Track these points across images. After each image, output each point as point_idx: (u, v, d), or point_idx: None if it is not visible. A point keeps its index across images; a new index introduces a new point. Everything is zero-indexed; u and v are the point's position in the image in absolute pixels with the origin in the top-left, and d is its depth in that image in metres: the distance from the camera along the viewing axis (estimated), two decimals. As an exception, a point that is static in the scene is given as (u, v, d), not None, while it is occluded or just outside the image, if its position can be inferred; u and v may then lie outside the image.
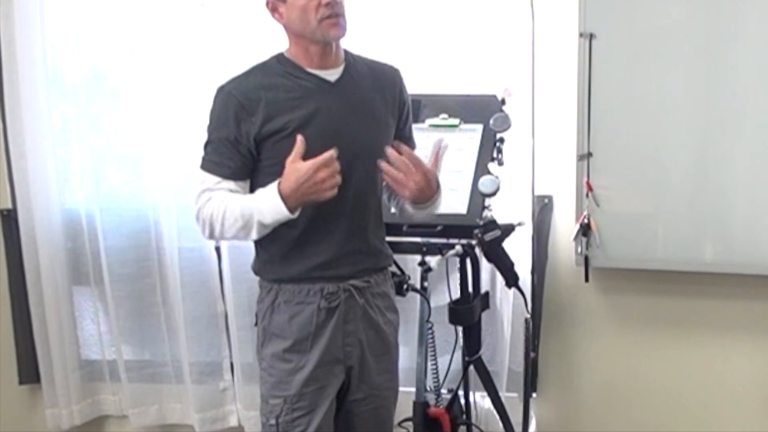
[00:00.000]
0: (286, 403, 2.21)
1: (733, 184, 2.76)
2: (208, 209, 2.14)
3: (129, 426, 3.43)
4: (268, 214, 2.07)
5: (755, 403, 2.96)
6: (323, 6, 2.07)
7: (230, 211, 2.11)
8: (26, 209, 3.26)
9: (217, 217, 2.12)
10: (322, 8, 2.07)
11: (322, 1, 2.07)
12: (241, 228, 2.11)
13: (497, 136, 2.69)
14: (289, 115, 2.12)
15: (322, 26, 2.09)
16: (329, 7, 2.07)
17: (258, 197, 2.11)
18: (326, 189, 2.03)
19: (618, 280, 2.98)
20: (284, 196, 2.04)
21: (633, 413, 3.07)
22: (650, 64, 2.77)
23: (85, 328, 3.44)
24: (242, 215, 2.10)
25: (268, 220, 2.08)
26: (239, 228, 2.11)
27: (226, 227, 2.13)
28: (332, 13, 2.08)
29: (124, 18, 3.13)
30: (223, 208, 2.12)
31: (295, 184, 2.03)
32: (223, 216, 2.12)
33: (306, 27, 2.10)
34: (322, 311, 2.19)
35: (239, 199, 2.13)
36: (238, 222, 2.11)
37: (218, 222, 2.13)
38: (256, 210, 2.09)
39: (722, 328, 2.95)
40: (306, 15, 2.08)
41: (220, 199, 2.13)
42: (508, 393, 2.98)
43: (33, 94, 3.17)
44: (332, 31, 2.11)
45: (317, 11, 2.08)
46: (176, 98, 3.10)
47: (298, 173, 2.02)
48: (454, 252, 2.59)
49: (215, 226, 2.14)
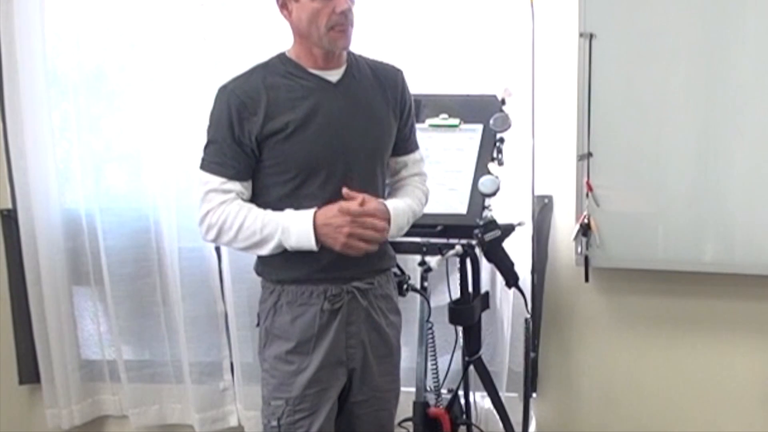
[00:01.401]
0: (288, 405, 2.20)
1: (733, 184, 2.76)
2: (221, 214, 2.12)
3: (129, 426, 3.43)
4: (294, 237, 2.08)
5: (755, 403, 2.96)
6: (336, 14, 2.06)
7: (249, 223, 2.10)
8: (26, 209, 3.26)
9: (231, 225, 2.11)
10: (335, 16, 2.06)
11: (336, 10, 2.06)
12: (256, 243, 2.11)
13: (497, 136, 2.69)
14: (290, 114, 2.11)
15: (330, 34, 2.09)
16: (342, 16, 2.07)
17: (287, 217, 2.10)
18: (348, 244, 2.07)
19: (618, 280, 2.98)
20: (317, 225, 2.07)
21: (633, 413, 3.07)
22: (650, 64, 2.77)
23: (85, 328, 3.43)
24: (262, 230, 2.09)
25: (292, 243, 2.09)
26: (254, 242, 2.11)
27: (239, 238, 2.12)
28: (343, 22, 2.08)
29: (124, 18, 3.12)
30: (241, 218, 2.10)
31: (330, 220, 2.06)
32: (240, 226, 2.10)
33: (314, 31, 2.09)
34: (325, 313, 2.19)
35: (261, 214, 2.11)
36: (256, 236, 2.10)
37: (232, 230, 2.11)
38: (283, 229, 2.09)
39: (722, 328, 2.95)
40: (316, 19, 2.07)
41: (237, 207, 2.12)
42: (508, 393, 2.98)
43: (33, 94, 3.17)
44: (339, 41, 2.10)
45: (329, 18, 2.07)
46: (176, 98, 3.10)
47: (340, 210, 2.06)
48: (454, 252, 2.58)
49: (225, 233, 2.13)
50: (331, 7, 2.06)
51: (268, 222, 2.10)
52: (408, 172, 2.36)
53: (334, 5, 2.06)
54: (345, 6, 2.06)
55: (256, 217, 2.11)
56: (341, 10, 2.06)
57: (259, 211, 2.12)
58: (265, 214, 2.12)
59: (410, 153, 2.36)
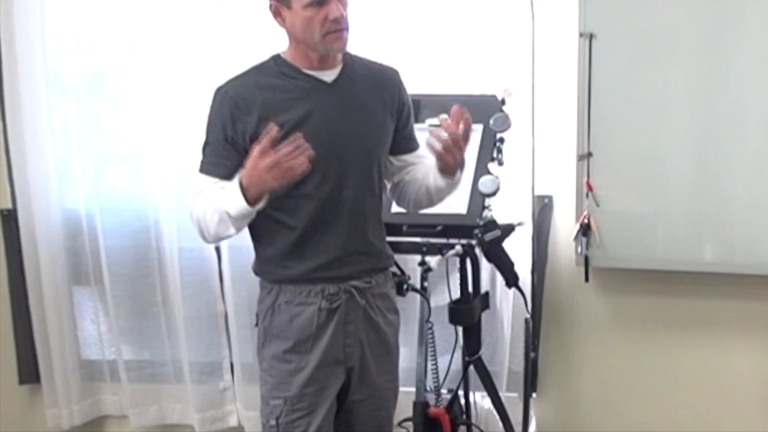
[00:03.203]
0: (287, 404, 2.21)
1: (733, 184, 2.76)
2: (197, 209, 2.13)
3: (129, 426, 3.43)
4: (232, 205, 2.06)
5: (755, 403, 2.96)
6: (330, 21, 2.06)
7: (210, 210, 2.10)
8: (26, 209, 3.26)
9: (203, 216, 2.12)
10: (329, 23, 2.07)
11: (329, 17, 2.06)
12: (218, 222, 2.10)
13: (497, 136, 2.69)
14: (285, 115, 2.12)
15: (326, 40, 2.09)
16: (336, 23, 2.07)
17: (227, 189, 2.09)
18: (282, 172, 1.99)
19: (618, 280, 2.98)
20: (244, 186, 2.03)
21: (633, 413, 3.07)
22: (650, 64, 2.77)
23: (85, 328, 3.44)
24: (217, 209, 2.09)
25: (233, 212, 2.06)
26: (217, 222, 2.10)
27: (209, 224, 2.11)
28: (338, 27, 2.08)
29: (124, 19, 3.13)
30: (204, 207, 2.11)
31: (248, 172, 2.02)
32: (205, 212, 2.11)
33: (309, 38, 2.10)
34: (323, 312, 2.19)
35: (214, 197, 2.11)
36: (215, 216, 2.09)
37: (203, 220, 2.12)
38: (223, 201, 2.08)
39: (722, 328, 2.95)
40: (310, 26, 2.08)
41: (203, 199, 2.12)
42: (508, 393, 2.98)
43: (33, 94, 3.17)
44: (335, 45, 2.11)
45: (323, 25, 2.07)
46: (176, 98, 3.10)
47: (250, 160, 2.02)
48: (454, 252, 2.59)
49: (202, 225, 2.14)
50: (324, 14, 2.06)
51: (218, 199, 2.09)
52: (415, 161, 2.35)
53: (327, 12, 2.06)
54: (337, 13, 2.06)
55: (212, 200, 2.10)
56: (334, 17, 2.06)
57: (214, 194, 2.11)
58: (217, 194, 2.10)
59: (413, 150, 2.36)
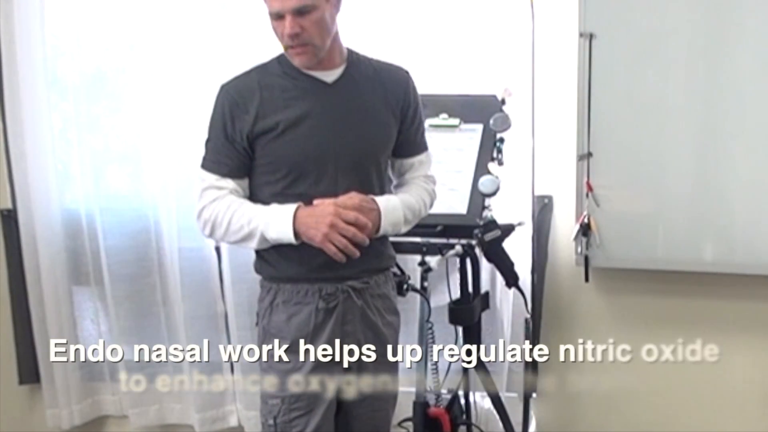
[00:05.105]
0: (284, 404, 2.21)
1: (733, 184, 2.76)
2: (213, 210, 2.15)
3: (129, 426, 3.43)
4: (274, 229, 2.10)
5: (754, 403, 2.96)
6: (286, 36, 2.07)
7: (237, 218, 2.12)
8: (26, 209, 3.26)
9: (222, 221, 2.14)
10: (285, 38, 2.08)
11: (284, 33, 2.07)
12: (244, 236, 2.14)
13: (497, 136, 2.70)
14: (282, 114, 2.12)
15: (289, 53, 2.12)
16: (289, 39, 2.07)
17: (272, 210, 2.12)
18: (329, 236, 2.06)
19: (618, 280, 2.98)
20: (298, 218, 2.07)
21: (633, 413, 3.07)
22: (650, 64, 2.77)
23: (85, 328, 3.44)
24: (248, 224, 2.12)
25: (272, 235, 2.10)
26: (243, 236, 2.14)
27: (229, 232, 2.15)
28: (293, 45, 2.08)
29: (124, 18, 3.13)
30: (230, 213, 2.13)
31: (315, 211, 2.07)
32: (229, 221, 2.13)
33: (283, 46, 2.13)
34: (320, 312, 2.19)
35: (250, 208, 2.14)
36: (243, 230, 2.13)
37: (222, 226, 2.14)
38: (266, 222, 2.10)
39: (722, 328, 2.94)
40: (277, 37, 2.11)
41: (228, 202, 2.14)
42: (508, 393, 2.98)
43: (33, 94, 3.17)
44: (296, 60, 2.12)
45: (282, 38, 2.09)
46: (176, 98, 3.10)
47: (323, 207, 2.07)
48: (454, 252, 2.59)
49: (217, 229, 2.16)
50: (281, 29, 2.07)
51: (254, 216, 2.12)
52: (412, 174, 2.35)
53: (283, 28, 2.07)
54: (289, 31, 2.05)
55: (245, 211, 2.13)
56: (286, 34, 2.06)
57: (249, 206, 2.15)
58: (254, 208, 2.14)
59: (415, 155, 2.34)
